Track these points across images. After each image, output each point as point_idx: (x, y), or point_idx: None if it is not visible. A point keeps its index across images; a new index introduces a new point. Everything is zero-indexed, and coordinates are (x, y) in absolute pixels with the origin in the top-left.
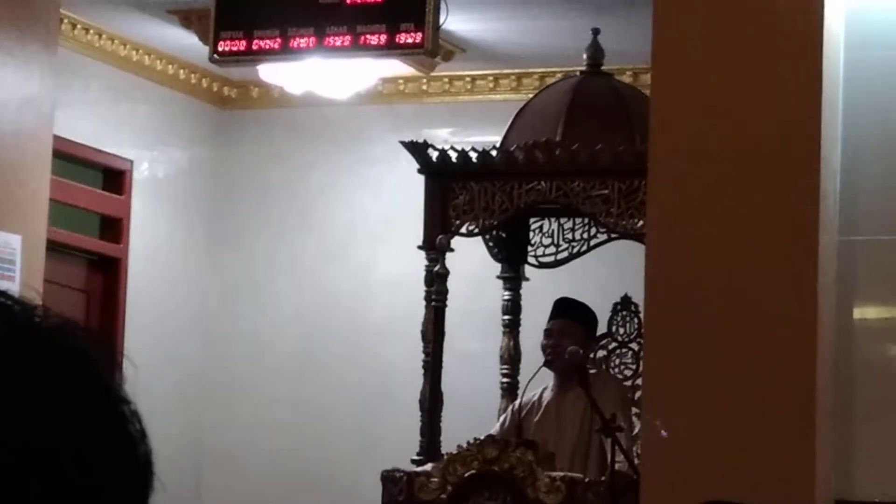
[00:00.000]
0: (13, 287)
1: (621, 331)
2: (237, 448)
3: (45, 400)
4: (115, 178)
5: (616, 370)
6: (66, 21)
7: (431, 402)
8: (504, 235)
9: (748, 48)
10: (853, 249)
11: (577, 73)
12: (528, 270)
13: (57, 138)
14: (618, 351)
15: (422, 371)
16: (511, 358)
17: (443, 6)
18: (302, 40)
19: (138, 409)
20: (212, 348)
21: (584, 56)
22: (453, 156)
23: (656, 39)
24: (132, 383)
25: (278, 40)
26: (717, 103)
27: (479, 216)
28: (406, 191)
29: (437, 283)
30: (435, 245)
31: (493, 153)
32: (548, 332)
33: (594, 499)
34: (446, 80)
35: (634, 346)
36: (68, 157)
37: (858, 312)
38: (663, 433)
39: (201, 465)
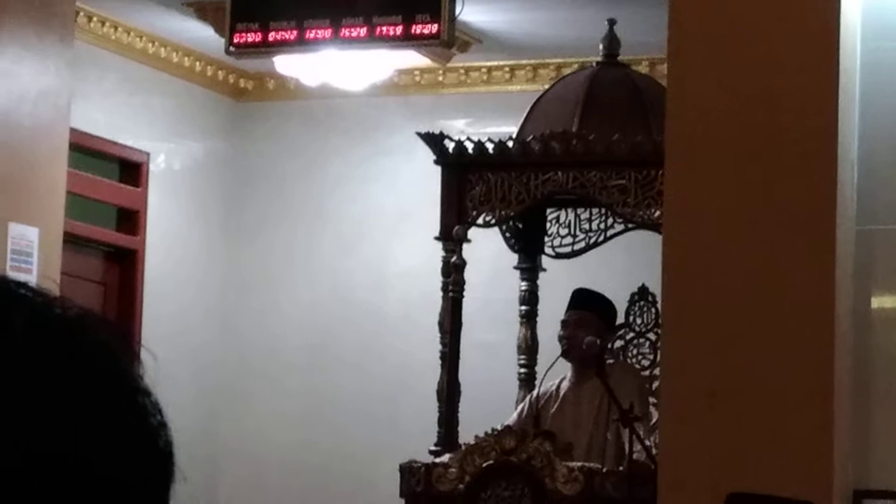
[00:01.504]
0: (31, 279)
1: (638, 321)
2: (253, 439)
3: (66, 392)
4: (131, 170)
5: (633, 360)
6: (81, 14)
7: (449, 392)
8: (521, 226)
9: (764, 38)
10: (871, 239)
11: (594, 64)
12: (545, 261)
13: (73, 131)
14: (635, 341)
15: (439, 362)
16: (528, 348)
17: None
18: (318, 32)
19: (159, 400)
20: (228, 340)
21: (601, 46)
22: (469, 147)
23: (672, 30)
24: (152, 374)
25: (294, 32)
26: (734, 94)
27: (495, 207)
28: (422, 182)
29: (454, 273)
30: (452, 236)
31: (510, 144)
32: (564, 323)
33: (612, 489)
34: (462, 70)
35: (652, 336)
36: (85, 150)
37: (876, 302)
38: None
39: (217, 456)
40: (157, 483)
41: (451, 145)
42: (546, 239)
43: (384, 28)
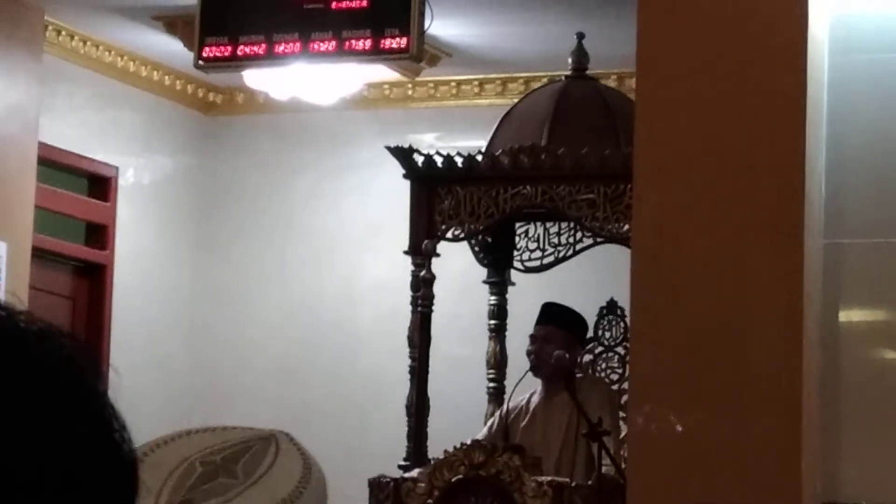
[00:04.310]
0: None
1: (607, 335)
2: None
3: (28, 405)
4: (100, 184)
5: (602, 374)
6: (50, 27)
7: (418, 407)
8: (490, 240)
9: (733, 52)
10: (839, 252)
11: (562, 78)
12: (514, 275)
13: (42, 145)
14: (604, 355)
15: (408, 376)
16: (497, 363)
17: (428, 11)
18: (287, 46)
19: (122, 414)
20: (198, 354)
21: (569, 60)
22: (439, 161)
23: (641, 44)
24: (116, 389)
25: (263, 46)
26: (703, 107)
27: (464, 221)
28: (392, 196)
29: (423, 288)
30: (421, 250)
31: (479, 158)
32: (533, 338)
33: (581, 503)
34: (431, 85)
35: (621, 350)
36: (53, 164)
37: (844, 315)
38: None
39: None
40: (121, 497)
41: (420, 159)
42: (515, 253)
43: (353, 42)
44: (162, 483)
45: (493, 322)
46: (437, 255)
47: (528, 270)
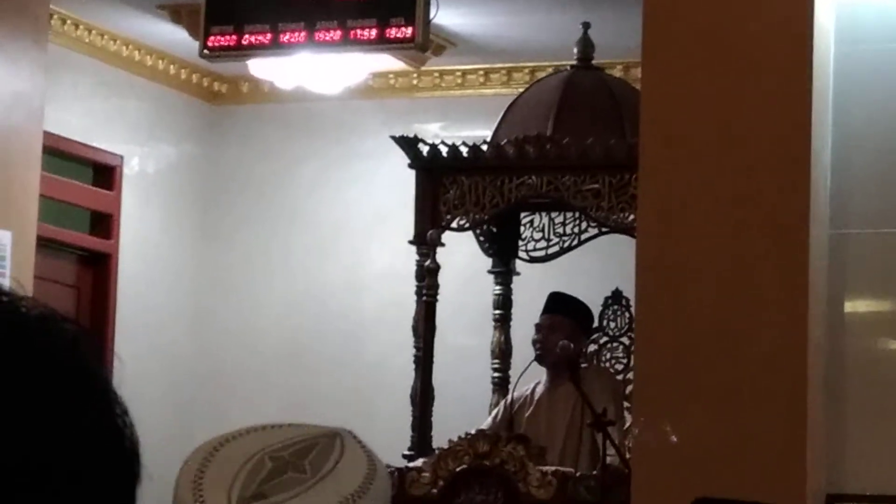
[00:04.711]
0: (3, 283)
1: (612, 325)
2: None
3: (30, 391)
4: (105, 173)
5: (607, 364)
6: (55, 17)
7: (422, 396)
8: (495, 230)
9: (738, 41)
10: (844, 243)
11: (568, 68)
12: (519, 265)
13: (47, 134)
14: (609, 345)
15: (413, 366)
16: (502, 352)
17: (433, 0)
18: (292, 35)
19: (125, 400)
20: (202, 343)
21: (575, 50)
22: (444, 150)
23: (646, 33)
24: (120, 377)
25: (268, 35)
26: (708, 97)
27: (469, 211)
28: (397, 186)
29: (427, 277)
30: (426, 240)
31: (484, 148)
32: (538, 327)
33: (585, 493)
34: (437, 74)
35: (625, 340)
36: (58, 153)
37: (850, 306)
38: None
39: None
40: (123, 482)
41: (425, 149)
42: (520, 243)
43: (359, 31)
44: (233, 477)
45: (497, 312)
46: (442, 245)
47: (532, 260)
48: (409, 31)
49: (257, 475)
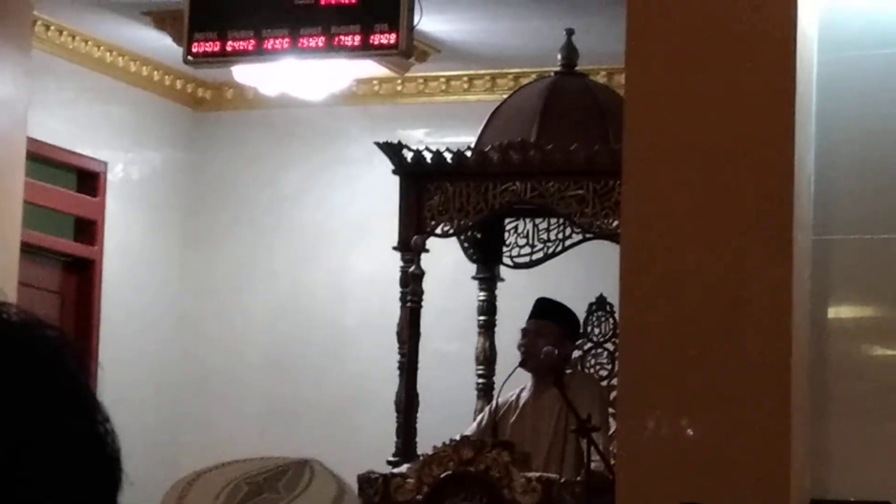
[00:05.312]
0: None
1: (596, 331)
2: (212, 446)
3: (11, 397)
4: (89, 179)
5: (591, 370)
6: (39, 22)
7: (407, 402)
8: (479, 236)
9: (722, 48)
10: (828, 248)
11: (552, 74)
12: (504, 271)
13: (31, 140)
14: (593, 351)
15: (397, 372)
16: (487, 358)
17: (417, 7)
18: (276, 41)
19: (107, 407)
20: (187, 349)
21: (559, 57)
22: (428, 156)
23: (630, 40)
24: (103, 383)
25: (252, 41)
26: (692, 104)
27: (453, 217)
28: (381, 192)
29: (412, 283)
30: (410, 246)
31: (468, 154)
32: (524, 332)
33: (570, 499)
34: (421, 80)
35: (610, 346)
36: (42, 159)
37: (833, 312)
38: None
39: (176, 464)
40: (104, 489)
41: (409, 155)
42: (504, 249)
43: (343, 38)
44: (213, 499)
45: (482, 318)
46: (427, 251)
47: (517, 266)
48: (392, 37)
49: (235, 497)
